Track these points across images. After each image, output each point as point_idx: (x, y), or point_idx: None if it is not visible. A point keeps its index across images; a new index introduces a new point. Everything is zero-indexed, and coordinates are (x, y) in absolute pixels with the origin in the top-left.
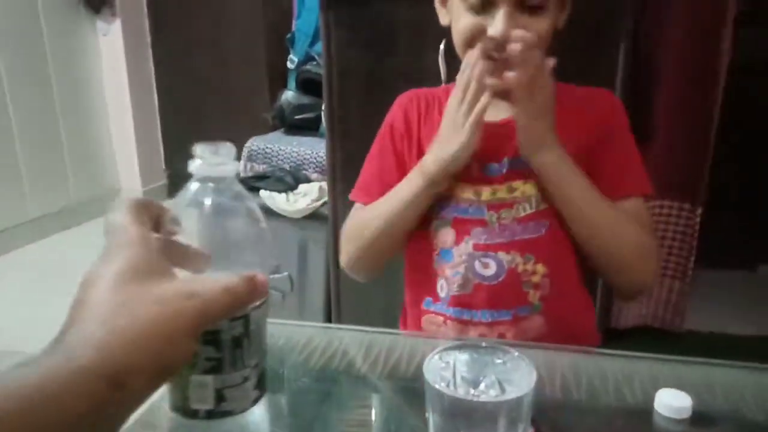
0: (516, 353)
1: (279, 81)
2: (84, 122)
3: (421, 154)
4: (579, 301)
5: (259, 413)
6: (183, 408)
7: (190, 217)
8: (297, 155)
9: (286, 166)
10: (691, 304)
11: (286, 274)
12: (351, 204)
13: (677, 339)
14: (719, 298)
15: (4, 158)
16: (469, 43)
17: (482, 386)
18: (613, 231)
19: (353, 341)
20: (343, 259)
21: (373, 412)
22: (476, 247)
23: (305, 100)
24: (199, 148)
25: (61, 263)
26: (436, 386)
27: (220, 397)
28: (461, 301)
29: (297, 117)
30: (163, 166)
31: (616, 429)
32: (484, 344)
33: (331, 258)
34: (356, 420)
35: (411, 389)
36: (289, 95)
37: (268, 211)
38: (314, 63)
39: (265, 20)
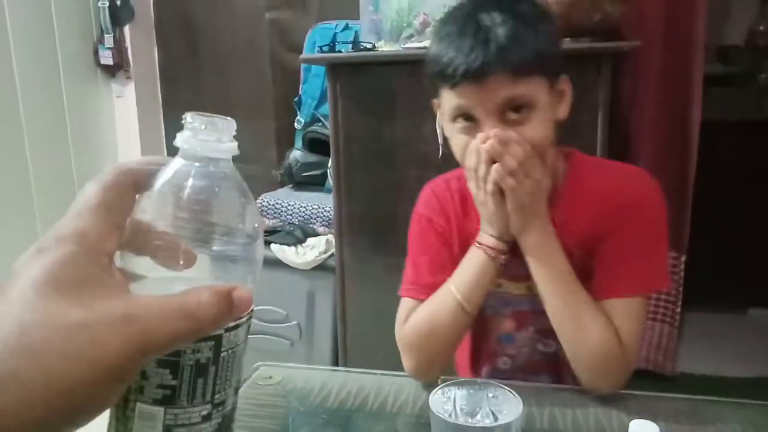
0: (506, 389)
1: (286, 141)
2: (95, 153)
3: (464, 245)
4: None
5: None
6: None
7: (171, 202)
8: (305, 210)
9: (295, 220)
10: (685, 347)
11: (295, 323)
12: (358, 255)
13: (672, 382)
14: (712, 341)
15: (22, 217)
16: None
17: (478, 416)
18: (577, 328)
19: (364, 383)
20: (411, 367)
21: None
22: (538, 332)
23: (312, 158)
24: (190, 117)
25: None
26: (441, 416)
27: None
28: (524, 369)
29: (304, 174)
30: None
31: None
32: (479, 381)
33: (338, 306)
34: None
35: (417, 424)
36: (296, 154)
37: (279, 264)
38: (320, 124)
39: (273, 84)
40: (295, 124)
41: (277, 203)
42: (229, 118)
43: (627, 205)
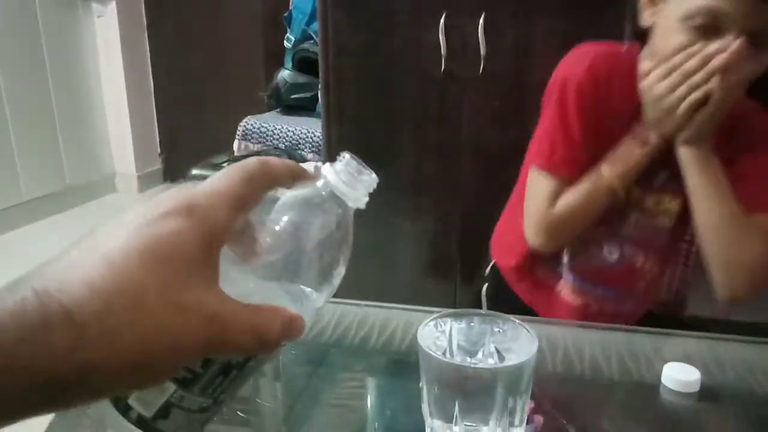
0: (516, 321)
1: (275, 60)
2: (78, 105)
3: (621, 122)
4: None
5: None
6: (121, 404)
7: (289, 221)
8: (293, 135)
9: (282, 146)
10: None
11: None
12: None
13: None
14: None
15: None
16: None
17: (480, 355)
18: (739, 233)
19: (346, 314)
20: (547, 246)
21: (366, 384)
22: (610, 235)
23: (302, 79)
24: (349, 159)
25: (55, 246)
26: (431, 353)
27: (164, 410)
28: (580, 272)
29: (293, 96)
30: (158, 150)
31: (621, 403)
32: (482, 312)
33: None
34: (347, 393)
35: (405, 362)
36: (285, 74)
37: None
38: (311, 42)
39: (263, 0)
40: (285, 42)
41: (262, 127)
42: (374, 174)
43: None
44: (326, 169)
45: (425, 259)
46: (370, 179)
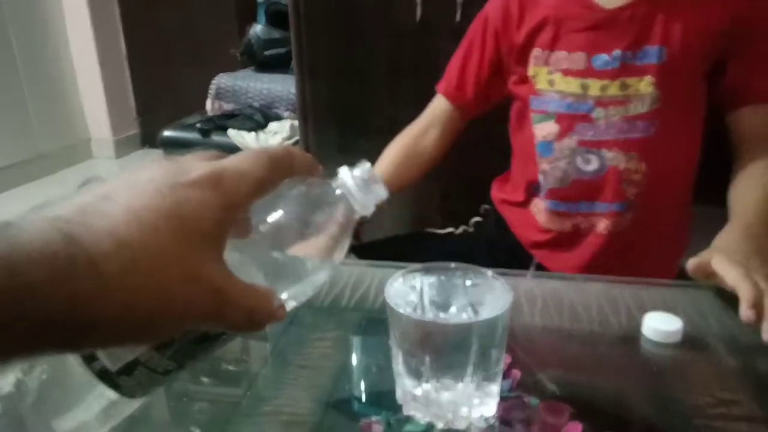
0: (490, 273)
1: (248, 16)
2: (46, 69)
3: (525, 44)
4: (676, 208)
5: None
6: None
7: (294, 206)
8: (267, 93)
9: (256, 104)
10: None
11: None
12: (325, 140)
13: None
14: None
15: None
16: None
17: (453, 310)
18: None
19: None
20: None
21: (336, 345)
22: (581, 143)
23: (275, 34)
24: (368, 168)
25: None
26: (398, 310)
27: (130, 367)
28: (558, 195)
29: (267, 53)
30: (134, 114)
31: (601, 356)
32: (453, 266)
33: None
34: (317, 354)
35: (377, 320)
36: (258, 29)
37: (237, 151)
38: None
39: None
40: None
41: (235, 85)
42: (384, 189)
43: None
44: (344, 171)
45: (405, 215)
46: (381, 191)
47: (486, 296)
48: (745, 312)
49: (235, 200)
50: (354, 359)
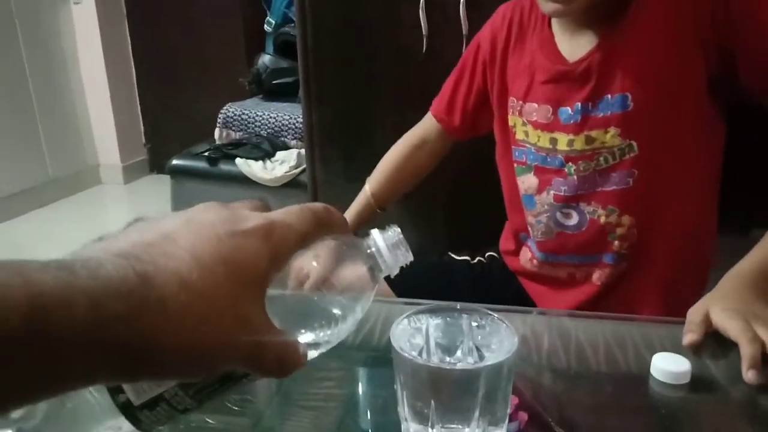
0: (495, 316)
1: (256, 46)
2: (58, 96)
3: (503, 88)
4: (681, 254)
5: None
6: None
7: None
8: (274, 121)
9: (263, 133)
10: None
11: None
12: (331, 169)
13: None
14: None
15: None
16: None
17: (458, 353)
18: None
19: None
20: None
21: (341, 384)
22: (556, 198)
23: (283, 63)
24: (399, 230)
25: (38, 240)
26: (404, 354)
27: (153, 402)
28: (547, 247)
29: (274, 82)
30: (143, 140)
31: (608, 397)
32: (458, 307)
33: None
34: (322, 394)
35: (383, 359)
36: (266, 59)
37: (245, 180)
38: (292, 25)
39: None
40: (265, 26)
41: (243, 114)
42: (411, 255)
43: None
44: (375, 233)
45: (411, 243)
46: (407, 257)
47: (492, 339)
48: (746, 375)
49: (283, 252)
50: (359, 400)
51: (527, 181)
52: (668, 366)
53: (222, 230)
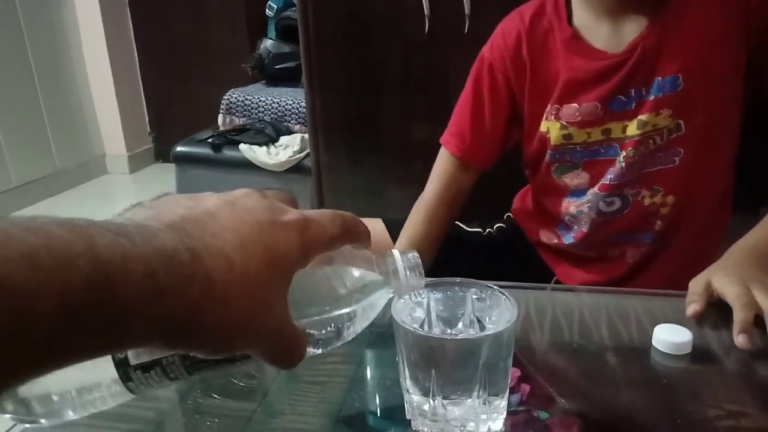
0: (495, 288)
1: (258, 30)
2: (63, 87)
3: (533, 98)
4: (708, 232)
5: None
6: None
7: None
8: (278, 106)
9: (267, 118)
10: None
11: None
12: (336, 153)
13: None
14: None
15: None
16: None
17: (460, 325)
18: None
19: None
20: None
21: (346, 360)
22: (602, 188)
23: (286, 48)
24: (417, 259)
25: None
26: (405, 326)
27: (149, 366)
28: (582, 234)
29: (277, 67)
30: (148, 129)
31: (610, 368)
32: (458, 281)
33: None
34: (327, 370)
35: (386, 335)
36: (268, 44)
37: (249, 165)
38: (294, 9)
39: None
40: (267, 10)
41: (246, 99)
42: (424, 283)
43: None
44: (396, 252)
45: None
46: (420, 283)
47: (492, 311)
48: (736, 339)
49: (313, 248)
50: (364, 375)
51: (576, 178)
52: (670, 337)
53: (263, 218)
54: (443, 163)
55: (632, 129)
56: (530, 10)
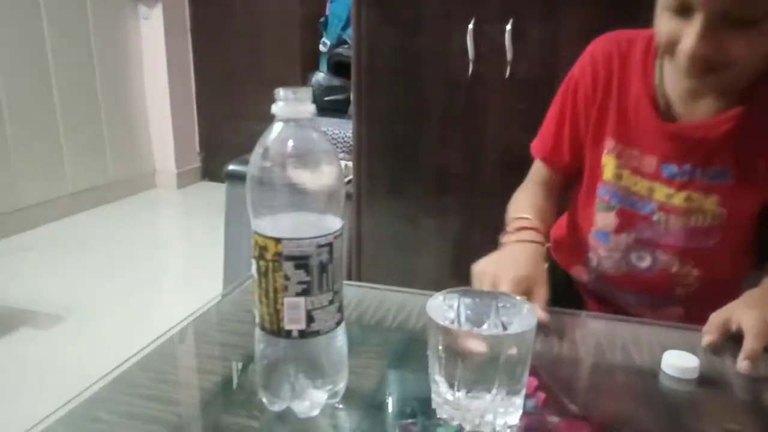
0: (520, 299)
1: (311, 64)
2: (123, 104)
3: (600, 127)
4: (726, 297)
5: (341, 335)
6: (277, 329)
7: (274, 158)
8: (325, 135)
9: None
10: None
11: None
12: (377, 182)
13: None
14: None
15: (47, 135)
16: (666, 49)
17: (485, 327)
18: None
19: (365, 297)
20: None
21: (380, 355)
22: (638, 241)
23: (336, 82)
24: (281, 91)
25: (94, 236)
26: (437, 321)
27: (310, 318)
28: (606, 277)
29: (327, 98)
30: (197, 149)
31: (621, 386)
32: (486, 290)
33: (354, 231)
34: (362, 362)
35: (415, 340)
36: (320, 77)
37: (293, 187)
38: (346, 46)
39: (300, 5)
40: (320, 46)
41: None
42: (307, 87)
43: None
44: (276, 109)
45: (449, 256)
46: (305, 91)
47: (514, 317)
48: (739, 364)
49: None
50: (395, 369)
51: (605, 219)
52: (678, 362)
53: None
54: (534, 164)
55: (678, 200)
56: (626, 38)
